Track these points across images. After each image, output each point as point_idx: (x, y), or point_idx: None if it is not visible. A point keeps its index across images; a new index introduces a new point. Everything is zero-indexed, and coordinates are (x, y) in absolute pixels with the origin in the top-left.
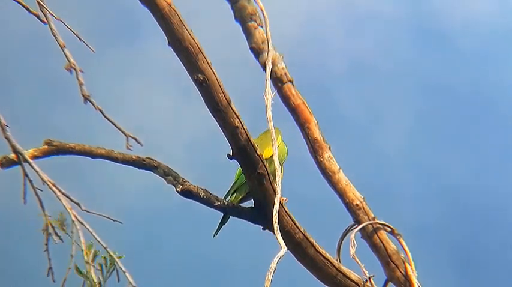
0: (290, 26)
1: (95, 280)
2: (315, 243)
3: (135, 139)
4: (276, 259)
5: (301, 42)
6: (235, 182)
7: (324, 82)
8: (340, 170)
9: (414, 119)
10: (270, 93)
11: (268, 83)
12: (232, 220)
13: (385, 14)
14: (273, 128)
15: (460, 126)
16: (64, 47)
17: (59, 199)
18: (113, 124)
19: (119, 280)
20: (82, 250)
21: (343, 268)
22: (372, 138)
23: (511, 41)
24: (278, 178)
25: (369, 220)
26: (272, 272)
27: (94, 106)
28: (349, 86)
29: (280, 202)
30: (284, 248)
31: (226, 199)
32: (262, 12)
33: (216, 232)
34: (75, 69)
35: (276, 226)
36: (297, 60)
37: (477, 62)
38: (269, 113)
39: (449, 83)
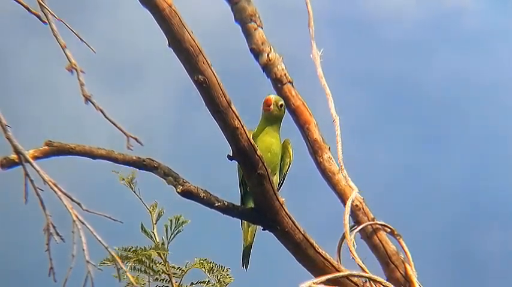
0: (214, 14)
1: (158, 240)
2: (314, 244)
3: (136, 139)
4: (349, 202)
5: (223, 32)
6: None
7: (248, 73)
8: (340, 171)
9: (339, 110)
10: (317, 52)
11: (314, 43)
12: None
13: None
14: (325, 84)
15: (387, 117)
16: (65, 47)
17: (60, 199)
18: (114, 124)
19: (120, 280)
20: (83, 250)
21: (343, 269)
22: (296, 129)
23: (435, 29)
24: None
25: (369, 221)
26: (348, 215)
27: (95, 106)
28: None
29: (281, 203)
30: (356, 189)
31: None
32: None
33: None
34: (76, 69)
35: (344, 173)
36: (221, 51)
37: (401, 52)
38: (319, 70)
39: (374, 73)
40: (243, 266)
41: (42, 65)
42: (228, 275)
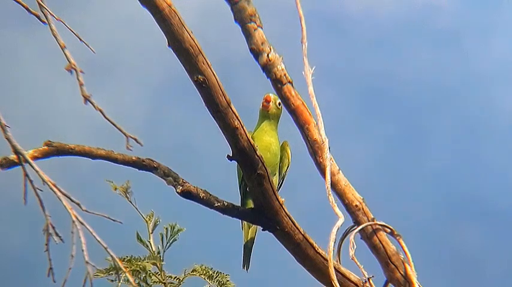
0: (213, 14)
1: (154, 249)
2: (314, 244)
3: (135, 139)
4: (335, 229)
5: (223, 32)
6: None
7: (248, 73)
8: (340, 171)
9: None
10: (309, 69)
11: (306, 60)
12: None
13: (281, 2)
14: (316, 103)
15: (360, 116)
16: (64, 47)
17: (60, 199)
18: (113, 125)
19: (119, 280)
20: (83, 250)
21: (343, 269)
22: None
23: (409, 28)
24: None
25: (369, 221)
26: (332, 243)
27: (94, 106)
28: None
29: (281, 204)
30: (342, 218)
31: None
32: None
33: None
34: (75, 69)
35: (331, 198)
36: (221, 51)
37: (375, 50)
38: (310, 89)
39: (348, 71)
40: (243, 267)
41: (42, 64)
42: (228, 281)
